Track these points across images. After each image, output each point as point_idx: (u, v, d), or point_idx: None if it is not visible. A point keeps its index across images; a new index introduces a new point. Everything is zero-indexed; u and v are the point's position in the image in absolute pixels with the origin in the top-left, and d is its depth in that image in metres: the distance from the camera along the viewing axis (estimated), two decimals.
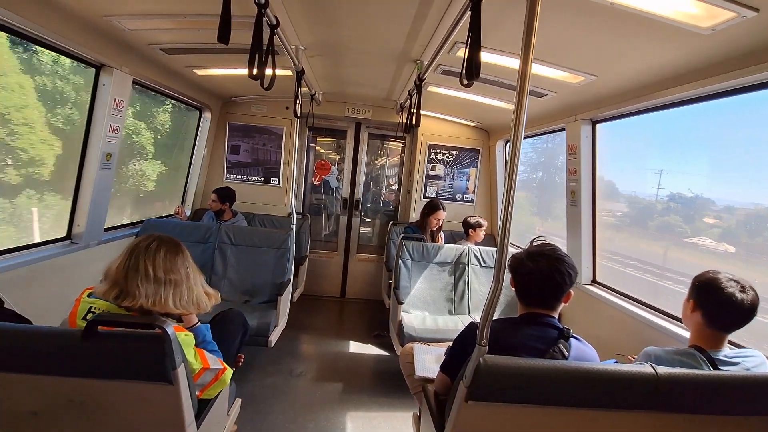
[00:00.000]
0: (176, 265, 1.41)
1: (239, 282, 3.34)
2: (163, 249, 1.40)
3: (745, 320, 1.39)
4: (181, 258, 1.45)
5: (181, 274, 1.42)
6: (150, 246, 1.38)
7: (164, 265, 1.38)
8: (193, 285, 1.46)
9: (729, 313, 1.38)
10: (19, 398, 1.25)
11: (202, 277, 1.55)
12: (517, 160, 1.19)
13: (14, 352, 1.19)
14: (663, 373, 1.20)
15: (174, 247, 1.45)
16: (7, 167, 2.34)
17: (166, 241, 1.45)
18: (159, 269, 1.37)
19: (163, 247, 1.41)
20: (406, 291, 3.34)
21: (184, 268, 1.44)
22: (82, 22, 2.19)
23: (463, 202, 4.84)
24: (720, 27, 1.54)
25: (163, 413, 1.29)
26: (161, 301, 1.36)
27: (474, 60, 1.51)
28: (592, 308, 2.81)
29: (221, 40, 1.55)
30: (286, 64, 2.77)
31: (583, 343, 1.42)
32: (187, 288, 1.43)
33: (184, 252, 1.49)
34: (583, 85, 2.44)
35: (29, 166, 2.46)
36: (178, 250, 1.46)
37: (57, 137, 2.58)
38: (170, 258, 1.41)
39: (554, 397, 1.22)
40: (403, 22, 2.19)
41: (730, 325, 1.42)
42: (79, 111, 2.64)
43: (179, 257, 1.44)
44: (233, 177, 4.63)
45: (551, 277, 1.40)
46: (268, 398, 2.80)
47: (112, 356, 1.20)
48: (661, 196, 2.98)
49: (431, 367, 2.05)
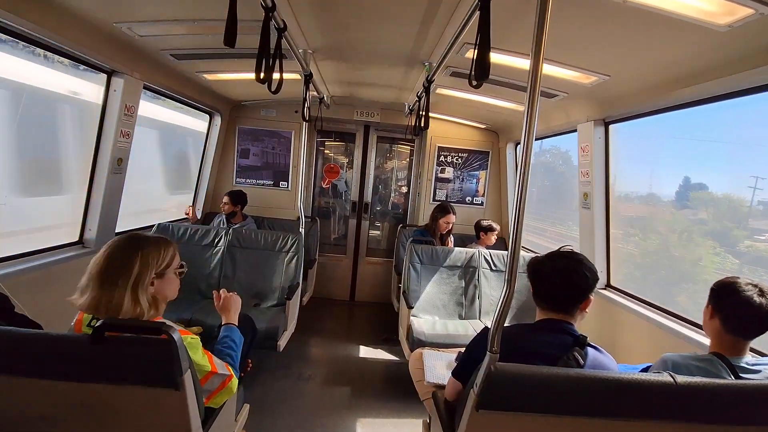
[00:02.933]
0: (119, 269, 1.30)
1: (248, 285, 3.33)
2: (108, 254, 1.31)
3: (766, 325, 1.33)
4: (127, 260, 1.31)
5: (120, 280, 1.29)
6: (101, 253, 1.32)
7: (106, 267, 1.29)
8: (120, 291, 1.29)
9: (746, 317, 1.33)
10: (28, 403, 1.25)
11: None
12: (528, 163, 1.17)
13: (24, 356, 1.19)
14: (682, 382, 1.16)
15: (124, 247, 1.34)
16: None
17: (122, 240, 1.36)
18: (102, 274, 1.29)
19: (113, 251, 1.32)
20: (415, 295, 3.31)
21: (124, 275, 1.30)
22: (94, 29, 2.22)
23: (473, 205, 4.80)
24: (737, 24, 1.50)
25: (170, 419, 1.28)
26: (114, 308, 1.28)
27: (483, 60, 1.48)
28: (606, 313, 2.75)
29: (227, 43, 1.55)
30: (295, 68, 2.77)
31: (602, 352, 1.37)
32: (118, 295, 1.28)
33: (137, 252, 1.33)
34: (595, 85, 2.39)
35: None
36: (128, 248, 1.33)
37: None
38: (114, 262, 1.30)
39: (567, 406, 1.19)
40: (411, 24, 2.17)
41: (750, 330, 1.36)
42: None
43: (124, 259, 1.31)
44: (243, 181, 4.66)
45: (568, 276, 1.37)
46: (276, 403, 2.78)
47: (120, 361, 1.20)
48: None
49: (441, 373, 2.02)
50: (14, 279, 2.09)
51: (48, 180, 2.83)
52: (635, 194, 3.28)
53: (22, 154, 2.62)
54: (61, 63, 2.52)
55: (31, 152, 2.72)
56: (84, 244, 2.71)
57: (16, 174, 2.58)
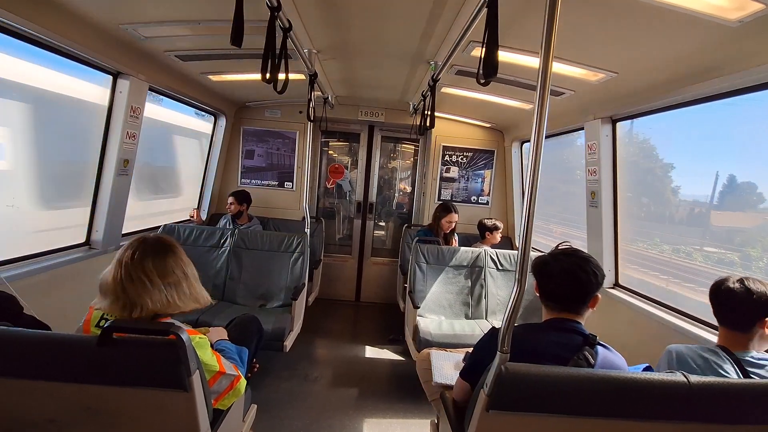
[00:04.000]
0: (168, 267, 1.37)
1: (254, 286, 3.34)
2: (150, 256, 1.36)
3: (752, 311, 1.36)
4: (172, 259, 1.40)
5: (177, 275, 1.38)
6: (135, 255, 1.34)
7: (157, 270, 1.34)
8: (193, 281, 1.44)
9: (730, 307, 1.39)
10: (37, 406, 1.25)
11: (195, 274, 1.50)
12: (539, 162, 1.15)
13: (31, 359, 1.19)
14: (695, 382, 1.15)
15: (161, 250, 1.40)
16: None
17: (151, 245, 1.40)
18: (154, 275, 1.33)
19: (149, 253, 1.36)
20: (421, 295, 3.29)
21: (179, 269, 1.40)
22: (100, 31, 2.23)
23: (478, 205, 4.78)
24: (748, 19, 1.48)
25: (179, 420, 1.27)
26: (170, 303, 1.33)
27: (491, 58, 1.47)
28: (614, 312, 2.72)
29: (234, 43, 1.54)
30: (300, 68, 2.77)
31: (611, 351, 1.36)
32: (187, 286, 1.40)
33: (174, 252, 1.43)
34: (602, 82, 2.37)
35: None
36: (166, 251, 1.40)
37: None
38: (160, 262, 1.36)
39: (579, 407, 1.17)
40: (416, 22, 2.16)
41: (739, 321, 1.40)
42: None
43: (169, 259, 1.39)
44: (248, 181, 4.66)
45: (575, 275, 1.36)
46: (283, 403, 2.78)
47: (128, 363, 1.20)
48: None
49: (449, 373, 2.00)
50: (22, 280, 2.10)
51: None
52: (729, 199, 2.38)
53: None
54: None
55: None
56: (91, 245, 2.72)
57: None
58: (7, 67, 2.15)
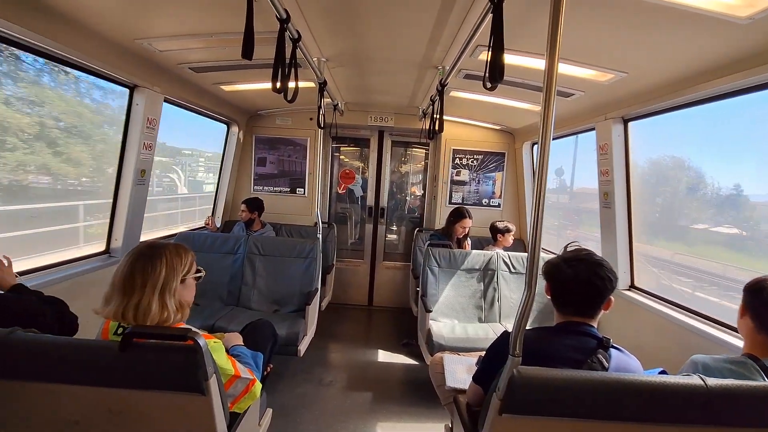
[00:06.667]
0: (132, 272, 1.34)
1: (268, 292, 3.38)
2: (131, 261, 1.36)
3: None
4: (144, 263, 1.35)
5: (134, 282, 1.33)
6: (124, 262, 1.37)
7: (123, 272, 1.34)
8: (148, 295, 1.33)
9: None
10: (61, 408, 1.30)
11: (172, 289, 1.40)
12: (546, 163, 1.15)
13: (56, 363, 1.23)
14: (713, 385, 1.12)
15: (143, 254, 1.37)
16: None
17: (143, 247, 1.41)
18: (117, 275, 1.35)
19: (136, 258, 1.36)
20: (434, 299, 3.29)
21: (140, 277, 1.33)
22: (117, 46, 2.30)
23: (490, 207, 4.75)
24: (759, 16, 1.46)
25: (196, 423, 1.30)
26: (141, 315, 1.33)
27: (497, 62, 1.47)
28: (631, 315, 2.68)
29: (245, 56, 1.58)
30: (309, 77, 2.81)
31: (625, 353, 1.34)
32: (137, 298, 1.32)
33: (156, 259, 1.37)
34: (612, 82, 2.35)
35: None
36: (146, 255, 1.37)
37: None
38: (130, 266, 1.35)
39: (593, 410, 1.16)
40: (423, 29, 2.18)
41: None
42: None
43: (139, 263, 1.35)
44: (260, 188, 4.73)
45: (591, 282, 1.34)
46: (298, 407, 2.81)
47: (147, 367, 1.23)
48: None
49: (462, 377, 2.00)
50: (44, 289, 2.15)
51: None
52: None
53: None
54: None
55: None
56: (111, 253, 2.80)
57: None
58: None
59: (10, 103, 3.31)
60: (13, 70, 3.07)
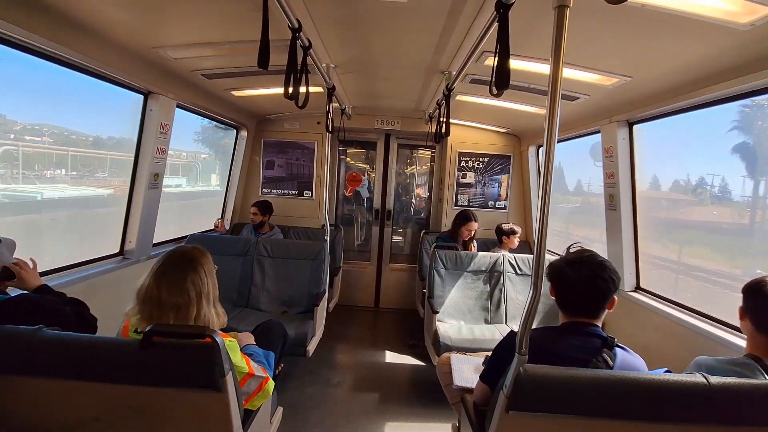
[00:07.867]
0: (183, 287, 1.40)
1: (277, 293, 3.43)
2: (170, 271, 1.42)
3: None
4: (192, 276, 1.43)
5: (188, 297, 1.40)
6: (159, 268, 1.43)
7: (169, 288, 1.40)
8: (204, 307, 1.44)
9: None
10: (83, 405, 1.35)
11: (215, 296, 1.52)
12: (551, 166, 1.18)
13: (79, 361, 1.28)
14: (716, 383, 1.15)
15: (183, 266, 1.44)
16: None
17: (178, 257, 1.47)
18: (164, 292, 1.39)
19: (171, 267, 1.43)
20: (440, 300, 3.32)
21: (193, 290, 1.41)
22: (133, 55, 2.38)
23: (496, 209, 4.78)
24: (759, 22, 1.49)
25: (213, 420, 1.35)
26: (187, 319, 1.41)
27: (503, 69, 1.50)
28: (636, 316, 2.69)
29: (261, 66, 1.62)
30: (318, 82, 2.86)
31: (629, 352, 1.37)
32: (196, 311, 1.42)
33: (198, 268, 1.46)
34: (617, 86, 2.38)
35: None
36: (187, 267, 1.43)
37: None
38: (177, 280, 1.41)
39: (598, 408, 1.19)
40: (431, 36, 2.22)
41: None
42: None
43: (188, 276, 1.42)
44: (268, 191, 4.79)
45: (594, 284, 1.36)
46: (307, 407, 2.85)
47: (166, 365, 1.28)
48: None
49: (469, 377, 2.03)
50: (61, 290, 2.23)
51: None
52: None
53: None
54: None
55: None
56: (125, 255, 2.87)
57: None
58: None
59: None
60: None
